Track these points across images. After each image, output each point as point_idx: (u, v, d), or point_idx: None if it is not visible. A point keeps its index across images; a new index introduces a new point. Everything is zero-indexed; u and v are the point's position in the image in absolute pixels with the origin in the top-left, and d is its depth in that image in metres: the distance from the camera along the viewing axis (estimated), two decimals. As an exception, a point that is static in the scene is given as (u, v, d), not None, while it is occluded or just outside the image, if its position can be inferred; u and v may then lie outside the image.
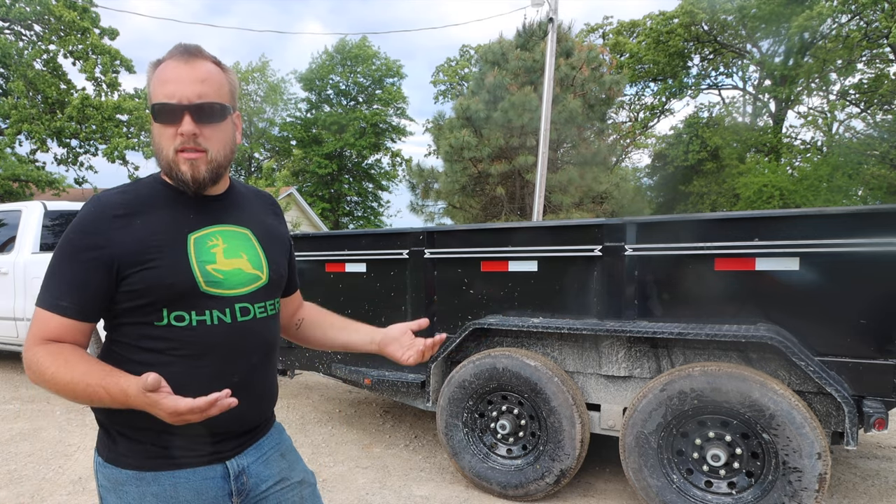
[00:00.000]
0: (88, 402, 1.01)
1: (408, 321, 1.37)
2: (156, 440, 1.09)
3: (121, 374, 1.00)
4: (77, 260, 1.06)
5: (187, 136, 1.06)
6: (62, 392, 1.02)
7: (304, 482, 1.29)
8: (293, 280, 1.43)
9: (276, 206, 1.37)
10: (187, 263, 1.08)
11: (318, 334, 1.44)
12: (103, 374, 1.00)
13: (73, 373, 1.00)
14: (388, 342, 1.33)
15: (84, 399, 1.00)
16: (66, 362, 1.01)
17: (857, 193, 19.05)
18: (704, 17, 21.14)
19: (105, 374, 1.00)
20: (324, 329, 1.44)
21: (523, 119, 13.26)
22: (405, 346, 1.31)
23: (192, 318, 1.08)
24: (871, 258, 2.48)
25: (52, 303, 1.06)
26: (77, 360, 1.02)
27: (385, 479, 3.48)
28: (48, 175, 15.18)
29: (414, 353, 1.28)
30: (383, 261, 3.75)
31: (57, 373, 1.01)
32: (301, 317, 1.47)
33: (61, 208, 6.12)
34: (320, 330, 1.44)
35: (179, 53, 1.09)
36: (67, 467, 3.65)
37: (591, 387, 3.10)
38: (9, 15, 14.84)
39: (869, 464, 3.66)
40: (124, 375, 0.99)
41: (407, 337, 1.32)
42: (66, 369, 1.00)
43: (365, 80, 30.90)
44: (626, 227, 2.96)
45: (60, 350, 1.04)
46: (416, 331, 1.34)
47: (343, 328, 1.43)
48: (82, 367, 1.01)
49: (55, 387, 1.02)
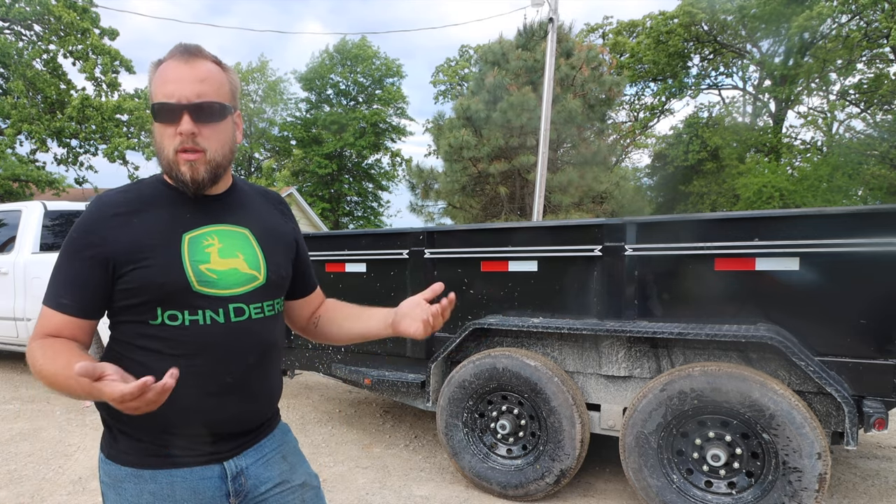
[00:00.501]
0: (68, 393, 1.00)
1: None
2: (155, 439, 1.10)
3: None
4: (77, 258, 1.09)
5: (186, 136, 1.06)
6: (49, 384, 1.02)
7: (305, 485, 1.28)
8: (309, 279, 1.41)
9: (284, 206, 1.36)
10: (180, 263, 1.09)
11: (335, 329, 1.40)
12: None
13: (56, 365, 1.01)
14: (398, 321, 1.25)
15: (64, 390, 1.00)
16: (53, 356, 1.03)
17: (857, 193, 19.05)
18: (704, 17, 21.14)
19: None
20: (339, 323, 1.39)
21: (522, 119, 13.27)
22: (415, 319, 1.22)
23: (185, 318, 1.09)
24: (871, 258, 2.48)
25: (54, 300, 1.09)
26: (61, 354, 1.03)
27: (385, 479, 3.48)
28: (48, 175, 15.19)
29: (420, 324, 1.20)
30: (383, 261, 3.75)
31: (44, 366, 1.02)
32: (318, 314, 1.43)
33: (61, 208, 6.12)
34: (336, 325, 1.39)
35: (179, 53, 1.09)
36: (67, 467, 3.65)
37: (591, 387, 3.10)
38: (9, 15, 14.84)
39: (869, 464, 3.66)
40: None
41: (420, 309, 1.22)
42: (50, 363, 1.02)
43: (365, 79, 30.92)
44: (626, 227, 2.96)
45: (52, 344, 1.06)
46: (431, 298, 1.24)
47: (357, 317, 1.36)
48: (63, 361, 1.00)
49: (44, 379, 1.03)
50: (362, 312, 1.37)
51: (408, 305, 1.26)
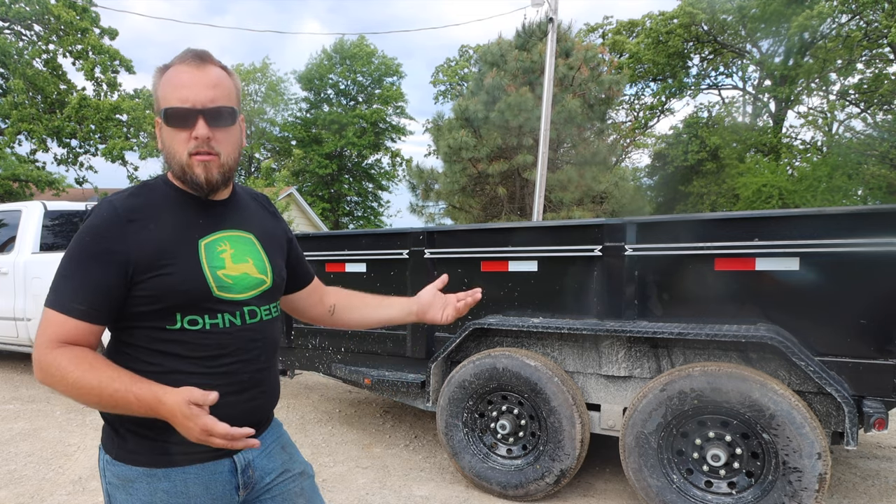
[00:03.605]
0: (112, 406, 1.02)
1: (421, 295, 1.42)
2: (166, 437, 1.10)
3: (151, 382, 1.02)
4: (92, 263, 1.07)
5: (202, 140, 1.08)
6: (85, 396, 1.02)
7: (304, 473, 1.34)
8: (306, 270, 1.47)
9: (271, 205, 1.39)
10: (200, 270, 1.11)
11: (356, 316, 1.49)
12: (132, 381, 1.02)
13: (100, 377, 1.01)
14: (424, 310, 1.39)
15: (109, 403, 1.02)
16: (92, 367, 1.02)
17: (856, 193, 19.04)
18: (704, 18, 21.13)
19: (133, 380, 1.02)
20: (360, 310, 1.49)
21: (520, 119, 13.27)
22: (439, 307, 1.38)
23: (206, 322, 1.11)
24: (871, 258, 2.48)
25: (67, 306, 1.06)
26: (102, 365, 1.04)
27: (385, 479, 3.48)
28: (48, 175, 15.18)
29: (451, 310, 1.37)
30: (383, 261, 3.75)
31: (82, 377, 1.01)
32: (332, 302, 1.50)
33: (61, 208, 6.11)
34: (357, 312, 1.49)
35: (191, 58, 1.10)
36: (67, 467, 3.65)
37: (591, 387, 3.10)
38: (8, 14, 14.83)
39: (869, 464, 3.67)
40: (155, 384, 1.01)
41: (439, 299, 1.39)
42: (92, 374, 1.01)
43: (364, 79, 30.92)
44: (626, 227, 2.96)
45: (84, 354, 1.05)
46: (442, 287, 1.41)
47: (378, 305, 1.47)
48: (108, 372, 1.02)
49: (78, 391, 1.02)
50: (382, 301, 1.48)
51: (428, 295, 1.40)
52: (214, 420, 0.96)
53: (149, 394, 0.99)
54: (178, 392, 0.98)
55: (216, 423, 0.95)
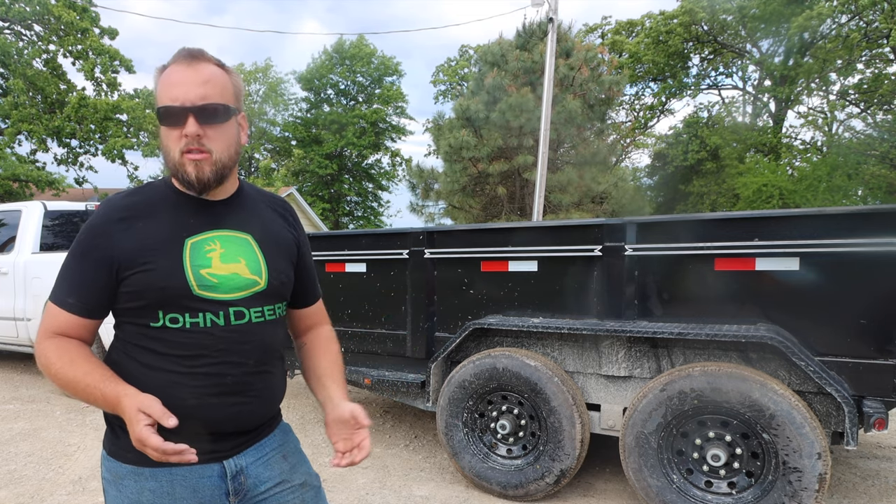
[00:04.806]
0: (84, 399, 1.08)
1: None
2: None
3: (120, 382, 1.07)
4: (83, 260, 1.13)
5: (191, 138, 1.08)
6: (64, 387, 1.09)
7: (305, 485, 1.29)
8: (309, 291, 1.39)
9: (290, 213, 1.35)
10: (181, 268, 1.11)
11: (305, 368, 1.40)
12: (103, 378, 1.07)
13: (76, 371, 1.07)
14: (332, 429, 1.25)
15: (82, 396, 1.07)
16: (71, 361, 1.09)
17: (856, 193, 19.04)
18: (704, 17, 21.12)
19: (105, 377, 1.07)
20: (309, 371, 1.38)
21: (521, 120, 13.27)
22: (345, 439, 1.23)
23: (186, 321, 1.12)
24: (871, 258, 2.48)
25: (61, 299, 1.13)
26: (80, 360, 1.09)
27: (385, 479, 3.48)
28: (48, 175, 15.19)
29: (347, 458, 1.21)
30: (383, 261, 3.75)
31: (62, 369, 1.08)
32: (306, 341, 1.42)
33: (61, 208, 6.11)
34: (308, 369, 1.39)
35: (182, 57, 1.11)
36: (67, 467, 3.65)
37: (591, 387, 3.11)
38: (8, 15, 14.84)
39: (869, 464, 3.67)
40: (122, 383, 1.06)
41: (353, 422, 1.22)
42: (70, 367, 1.08)
43: (364, 79, 30.93)
44: (626, 227, 2.96)
45: (68, 347, 1.11)
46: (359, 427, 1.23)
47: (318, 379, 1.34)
48: (84, 367, 1.08)
49: (59, 381, 1.10)
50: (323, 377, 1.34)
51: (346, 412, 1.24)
52: (150, 431, 0.97)
53: (113, 393, 1.04)
54: (136, 397, 1.02)
55: (150, 434, 0.97)
